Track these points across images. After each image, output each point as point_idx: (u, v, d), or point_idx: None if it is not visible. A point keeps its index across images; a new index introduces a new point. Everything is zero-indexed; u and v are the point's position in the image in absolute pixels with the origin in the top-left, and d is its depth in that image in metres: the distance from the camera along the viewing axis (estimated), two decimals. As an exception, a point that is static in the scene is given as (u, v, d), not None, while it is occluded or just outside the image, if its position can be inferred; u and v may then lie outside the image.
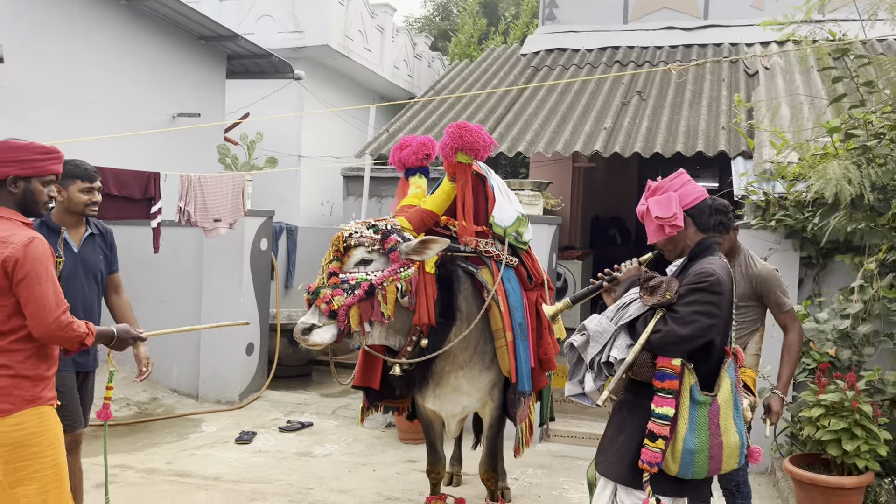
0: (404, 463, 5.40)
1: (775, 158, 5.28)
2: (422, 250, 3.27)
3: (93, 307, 3.71)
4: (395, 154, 3.85)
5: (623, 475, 2.63)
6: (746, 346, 3.43)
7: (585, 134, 7.30)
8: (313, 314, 3.12)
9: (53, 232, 3.61)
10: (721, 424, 2.57)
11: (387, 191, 11.42)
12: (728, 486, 3.46)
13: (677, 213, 2.66)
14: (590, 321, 2.68)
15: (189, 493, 4.64)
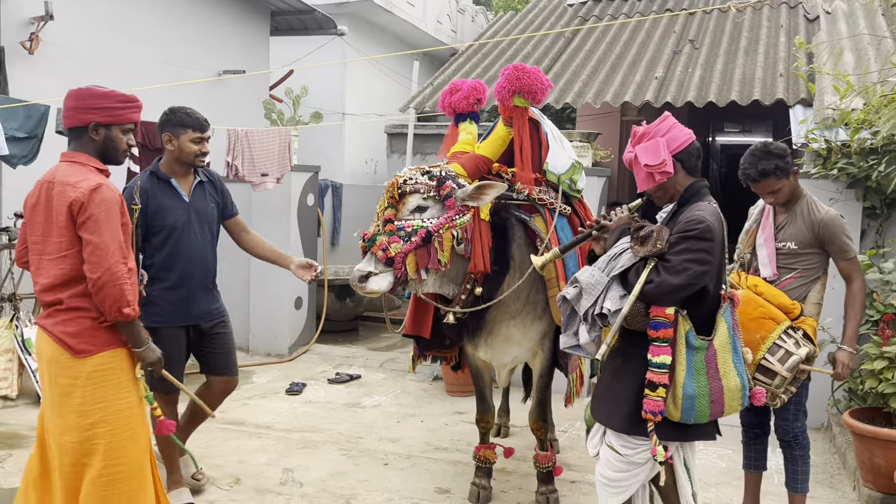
0: (451, 414, 5.43)
1: (838, 104, 5.04)
2: (478, 196, 3.19)
3: (206, 256, 3.69)
4: (445, 99, 3.75)
5: (623, 425, 2.67)
6: (808, 295, 3.32)
7: (636, 84, 7.08)
8: (369, 261, 3.06)
9: (162, 181, 3.63)
10: (720, 368, 2.58)
11: (431, 147, 11.35)
12: (786, 437, 3.38)
13: (666, 159, 2.63)
14: (582, 273, 2.67)
15: (243, 440, 4.75)
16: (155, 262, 3.57)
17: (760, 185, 3.31)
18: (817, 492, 4.09)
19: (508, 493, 4.04)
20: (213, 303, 3.77)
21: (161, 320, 3.56)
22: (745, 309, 3.11)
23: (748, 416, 3.60)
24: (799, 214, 3.32)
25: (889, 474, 3.65)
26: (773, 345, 3.09)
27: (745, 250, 3.50)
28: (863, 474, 3.91)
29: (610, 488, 2.75)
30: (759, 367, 3.12)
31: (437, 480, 4.19)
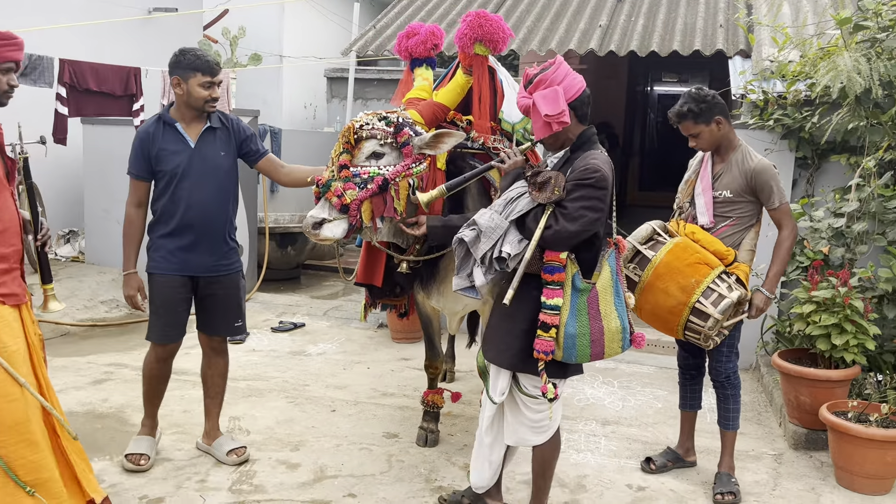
0: (397, 361, 5.48)
1: (776, 56, 5.16)
2: (435, 144, 3.14)
3: (208, 206, 3.46)
4: (402, 42, 3.64)
5: (513, 362, 2.81)
6: (742, 242, 3.44)
7: (580, 32, 7.07)
8: (323, 208, 2.98)
9: (168, 126, 3.44)
10: (601, 310, 2.73)
11: (372, 93, 11.16)
12: (718, 377, 3.53)
13: (565, 109, 2.69)
14: (480, 216, 2.71)
15: (185, 390, 4.69)
16: (157, 208, 3.48)
17: (681, 127, 3.44)
18: (746, 428, 4.32)
19: (455, 435, 4.13)
20: (219, 258, 3.54)
21: (158, 267, 3.49)
22: (682, 255, 3.26)
23: (684, 359, 3.76)
24: (734, 164, 3.42)
25: (813, 411, 3.87)
26: (707, 289, 3.21)
27: (685, 199, 3.60)
28: (789, 411, 4.14)
29: (535, 428, 2.89)
30: (693, 310, 3.24)
31: (385, 425, 4.25)
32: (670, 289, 3.25)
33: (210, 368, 3.78)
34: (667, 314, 3.31)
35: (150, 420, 3.76)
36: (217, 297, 3.60)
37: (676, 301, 3.25)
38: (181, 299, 3.55)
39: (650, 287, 3.30)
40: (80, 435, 3.89)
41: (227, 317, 3.67)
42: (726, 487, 3.46)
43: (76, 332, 5.91)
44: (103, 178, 7.14)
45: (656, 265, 3.28)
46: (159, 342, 3.61)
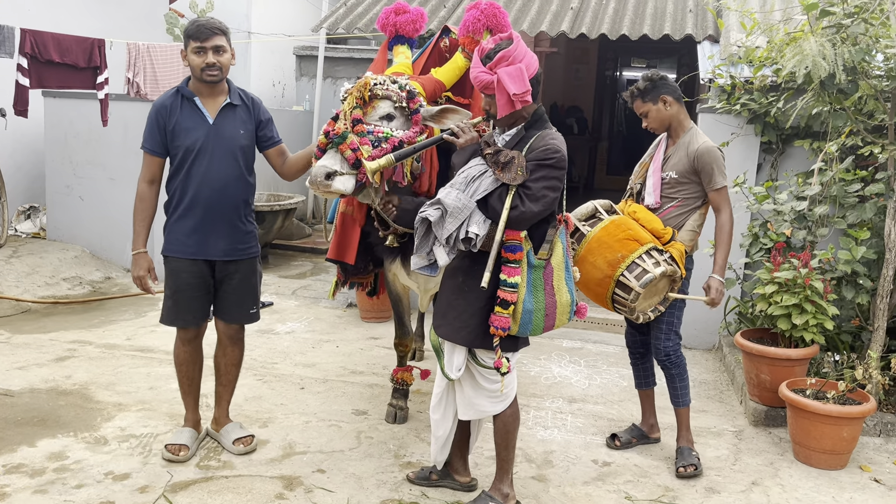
0: (366, 340, 5.49)
1: (744, 41, 5.23)
2: (440, 118, 3.11)
3: (226, 185, 3.28)
4: (389, 18, 3.55)
5: (469, 338, 2.85)
6: (685, 224, 3.49)
7: (552, 14, 7.08)
8: (334, 159, 2.84)
9: (187, 100, 3.26)
10: (555, 285, 2.83)
11: (342, 72, 11.04)
12: (658, 356, 3.59)
13: (529, 87, 2.72)
14: (447, 196, 2.69)
15: (152, 367, 4.64)
16: (172, 187, 3.31)
17: (634, 107, 3.56)
18: (709, 406, 4.42)
19: (424, 412, 4.15)
20: (235, 241, 3.37)
21: (173, 250, 3.35)
22: (614, 231, 3.37)
23: (631, 339, 3.84)
24: (682, 146, 3.49)
25: (773, 389, 3.98)
26: (633, 263, 3.30)
27: (636, 181, 3.67)
28: (750, 389, 4.24)
29: (494, 398, 2.95)
30: (618, 283, 3.34)
31: (354, 403, 4.26)
32: (598, 262, 3.37)
33: (225, 357, 3.58)
34: (595, 286, 3.42)
35: (191, 413, 3.58)
36: (233, 283, 3.43)
37: (603, 274, 3.36)
38: (198, 284, 3.37)
39: (582, 261, 3.41)
40: (43, 411, 3.87)
41: (243, 304, 3.50)
42: (687, 461, 3.54)
43: (37, 310, 5.80)
44: (65, 153, 6.98)
45: (589, 240, 3.40)
46: (175, 326, 3.45)
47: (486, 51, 2.76)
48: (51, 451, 3.47)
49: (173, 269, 3.38)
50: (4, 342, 4.98)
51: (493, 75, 2.71)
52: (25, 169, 7.37)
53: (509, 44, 2.74)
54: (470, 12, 3.35)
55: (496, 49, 2.74)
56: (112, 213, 6.91)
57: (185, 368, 3.52)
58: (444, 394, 3.04)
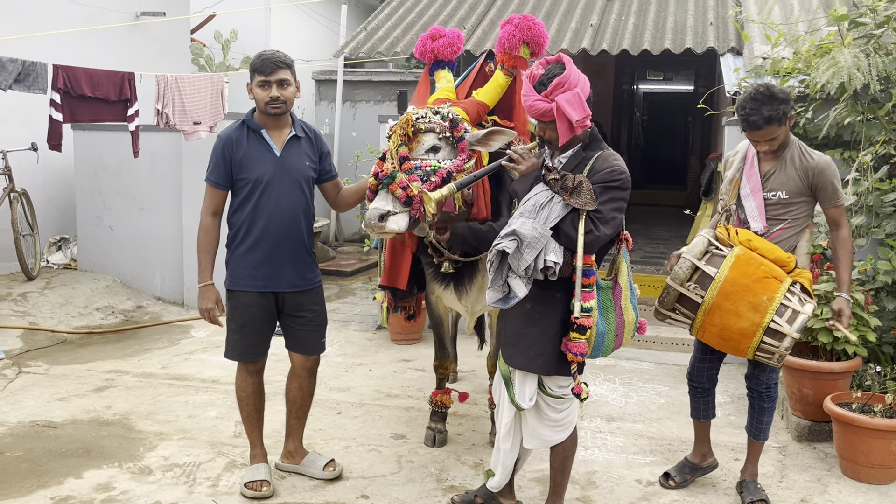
0: (399, 362, 5.48)
1: (769, 53, 5.22)
2: (486, 142, 3.09)
3: (294, 217, 3.29)
4: (426, 44, 3.57)
5: (546, 367, 2.80)
6: (798, 246, 3.21)
7: (572, 31, 7.12)
8: (386, 199, 2.87)
9: (253, 132, 3.27)
10: (623, 305, 2.82)
11: (360, 95, 11.14)
12: (758, 387, 3.37)
13: (589, 112, 2.69)
14: (521, 226, 2.63)
15: (190, 395, 4.67)
16: (238, 220, 3.30)
17: (763, 132, 3.09)
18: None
19: (463, 435, 4.14)
20: (304, 271, 3.37)
21: (240, 283, 3.32)
22: (748, 270, 2.99)
23: (698, 372, 3.53)
24: (789, 162, 3.17)
25: (816, 403, 3.92)
26: (780, 305, 2.95)
27: (731, 201, 3.34)
28: (792, 404, 4.18)
29: (557, 427, 2.92)
30: (767, 331, 2.96)
31: (392, 426, 4.25)
32: (741, 308, 2.95)
33: (301, 389, 3.56)
34: (738, 336, 3.01)
35: (258, 448, 3.54)
36: (307, 315, 3.41)
37: (749, 322, 2.96)
38: (265, 316, 3.36)
39: (717, 308, 3.00)
40: (87, 442, 3.90)
41: (318, 334, 3.49)
42: (756, 496, 3.36)
43: (73, 340, 5.86)
44: (95, 184, 7.09)
45: (721, 283, 2.99)
46: (243, 360, 3.43)
47: (537, 77, 2.72)
48: (97, 482, 3.50)
49: (241, 303, 3.33)
50: (43, 374, 5.03)
51: (550, 103, 2.66)
52: (56, 201, 7.48)
53: (562, 69, 2.71)
54: (504, 28, 3.34)
55: (549, 75, 2.70)
56: (141, 242, 7.00)
57: (251, 401, 3.49)
58: (513, 424, 2.99)
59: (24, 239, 6.48)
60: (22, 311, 6.02)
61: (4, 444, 3.87)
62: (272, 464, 3.61)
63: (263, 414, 3.57)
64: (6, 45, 5.84)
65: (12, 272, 6.80)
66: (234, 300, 3.36)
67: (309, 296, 3.42)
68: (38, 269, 6.71)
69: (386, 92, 11.01)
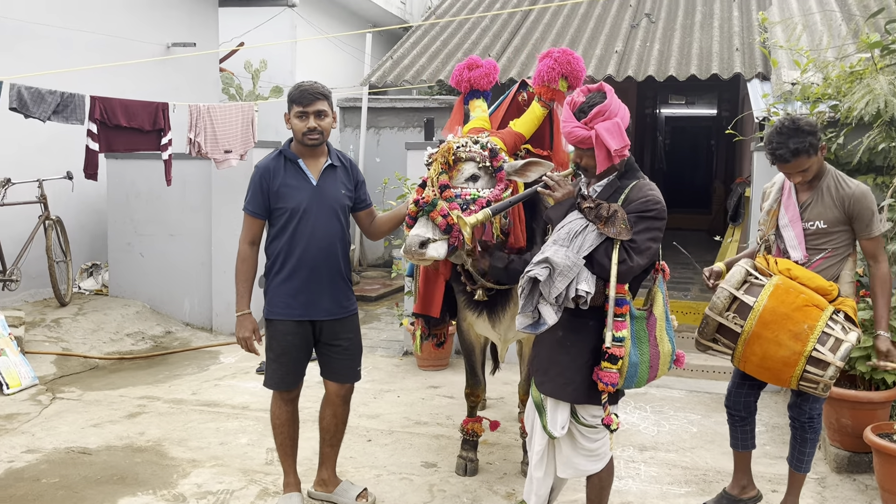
0: (426, 389, 5.47)
1: (798, 78, 5.21)
2: (524, 172, 3.11)
3: (332, 245, 3.32)
4: (463, 74, 3.60)
5: (575, 395, 2.78)
6: (840, 275, 3.16)
7: (597, 58, 7.16)
8: (426, 227, 2.91)
9: (291, 162, 3.31)
10: (657, 336, 2.78)
11: (385, 122, 11.25)
12: (801, 417, 3.30)
13: (628, 141, 2.70)
14: (555, 255, 2.63)
15: (221, 422, 4.69)
16: (275, 249, 3.32)
17: (792, 164, 3.08)
18: (786, 451, 4.28)
19: (494, 464, 4.12)
20: (341, 299, 3.39)
21: (279, 312, 3.33)
22: (787, 298, 2.97)
23: (735, 399, 3.49)
24: (825, 191, 3.15)
25: (856, 433, 3.85)
26: (822, 333, 2.91)
27: (769, 231, 3.33)
28: (830, 434, 4.11)
29: (592, 457, 2.89)
30: (810, 360, 2.92)
31: (423, 454, 4.24)
32: (781, 337, 2.94)
33: (335, 417, 3.55)
34: (780, 366, 2.98)
35: (292, 476, 3.53)
36: (343, 343, 3.43)
37: (790, 351, 2.93)
38: (302, 345, 3.38)
39: (757, 337, 2.98)
40: (122, 469, 3.92)
41: (353, 362, 3.50)
42: None
43: (105, 366, 5.92)
44: (126, 212, 7.20)
45: (760, 312, 2.96)
46: (280, 389, 3.44)
47: (577, 104, 2.74)
48: (132, 509, 3.52)
49: (278, 332, 3.34)
50: (77, 399, 5.09)
51: (589, 131, 2.68)
52: (88, 228, 7.61)
53: (603, 97, 2.72)
54: (543, 61, 3.36)
55: (589, 103, 2.72)
56: (171, 268, 7.09)
57: (286, 429, 3.49)
58: (545, 452, 2.98)
59: (57, 265, 6.58)
60: (55, 337, 6.11)
61: (41, 471, 3.91)
62: (304, 492, 3.61)
63: (297, 442, 3.57)
64: (43, 76, 5.99)
65: (45, 298, 6.91)
66: (272, 329, 3.38)
67: (345, 324, 3.44)
68: (70, 295, 6.81)
69: (410, 118, 11.12)
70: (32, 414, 4.78)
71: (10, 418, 4.69)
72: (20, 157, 6.63)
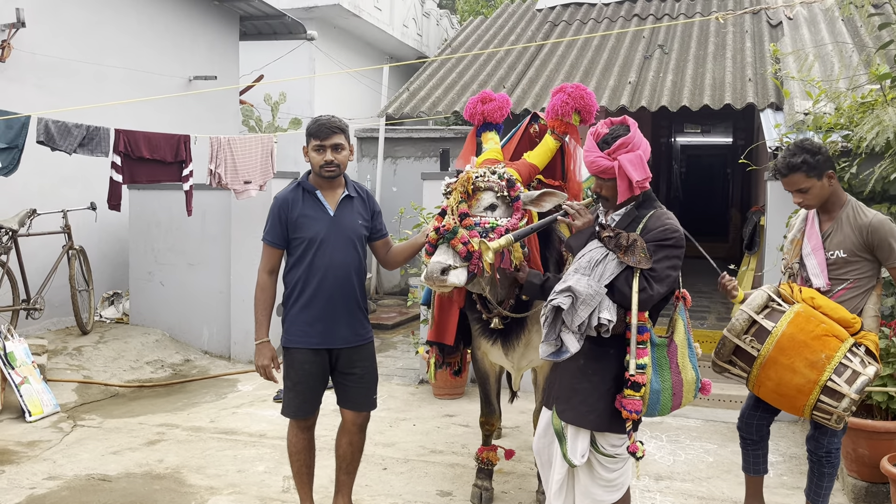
0: (442, 417, 5.49)
1: (810, 108, 5.26)
2: (539, 202, 3.18)
3: (348, 275, 3.38)
4: (476, 107, 3.67)
5: (598, 422, 2.79)
6: (864, 308, 3.16)
7: (610, 89, 7.25)
8: (446, 254, 2.96)
9: (308, 193, 3.38)
10: (679, 363, 2.79)
11: (401, 152, 11.41)
12: (818, 451, 3.30)
13: (650, 174, 2.75)
14: (577, 283, 2.67)
15: (238, 449, 4.73)
16: (293, 278, 3.39)
17: (788, 179, 3.20)
18: (803, 482, 4.25)
19: (509, 493, 4.12)
20: (357, 327, 3.44)
21: (296, 341, 3.39)
22: (807, 326, 2.99)
23: (748, 422, 3.50)
24: (845, 221, 3.19)
25: (873, 463, 3.82)
26: (840, 364, 2.93)
27: (793, 260, 3.36)
28: (847, 464, 4.08)
29: (609, 487, 2.88)
30: (824, 390, 2.94)
31: (438, 483, 4.25)
32: (797, 365, 2.96)
33: (351, 445, 3.57)
34: (794, 392, 3.00)
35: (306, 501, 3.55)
36: (359, 372, 3.47)
37: (805, 379, 2.95)
38: (318, 373, 3.42)
39: (773, 362, 3.01)
40: (141, 496, 3.97)
41: (370, 391, 3.53)
42: None
43: (125, 394, 6.00)
44: (147, 241, 7.34)
45: (778, 337, 3.00)
46: (297, 417, 3.48)
47: (601, 135, 2.81)
48: (151, 536, 3.56)
49: (295, 361, 3.39)
50: (97, 427, 5.16)
51: (612, 161, 2.75)
52: (110, 257, 7.75)
53: (626, 130, 2.79)
54: (557, 96, 3.44)
55: (613, 135, 2.79)
56: (190, 297, 7.19)
57: (303, 457, 3.51)
58: (565, 481, 2.98)
59: (80, 294, 6.71)
60: (77, 365, 6.20)
61: (61, 498, 3.97)
62: None
63: (314, 469, 3.60)
64: (70, 111, 6.17)
65: (68, 326, 7.03)
66: (289, 358, 3.43)
67: (361, 352, 3.49)
68: (92, 324, 6.92)
69: (426, 149, 11.27)
70: (54, 441, 4.85)
71: (33, 445, 4.77)
72: (46, 188, 6.80)
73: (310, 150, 3.36)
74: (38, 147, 5.61)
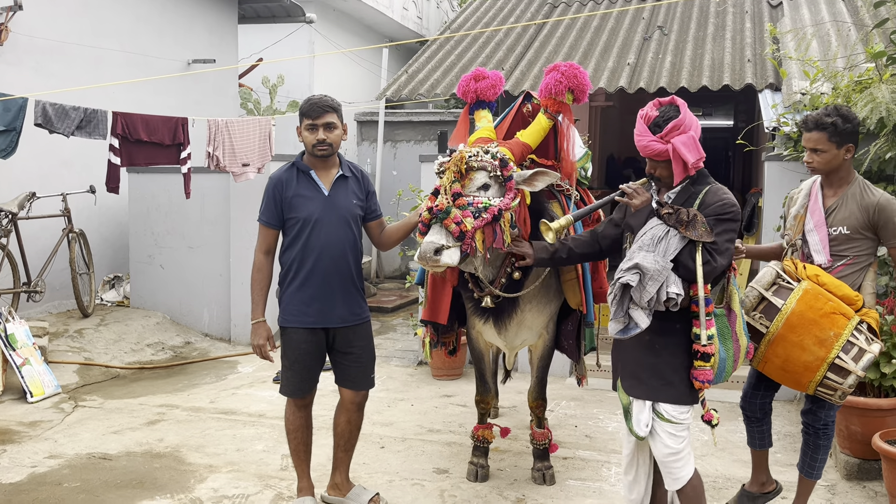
0: (440, 398, 5.54)
1: (808, 89, 5.24)
2: (531, 182, 3.20)
3: (343, 254, 3.40)
4: (469, 85, 3.65)
5: (674, 395, 2.83)
6: (862, 284, 3.17)
7: (609, 70, 7.23)
8: (440, 234, 2.98)
9: (303, 173, 3.40)
10: (737, 331, 2.88)
11: (401, 135, 11.40)
12: (815, 424, 3.32)
13: (703, 154, 2.79)
14: (643, 259, 2.70)
15: (237, 429, 4.78)
16: (289, 258, 3.41)
17: (810, 136, 3.15)
18: (796, 458, 4.29)
19: (505, 470, 4.16)
20: (353, 306, 3.46)
21: (292, 320, 3.42)
22: (816, 304, 3.01)
23: (751, 401, 3.51)
24: (850, 198, 3.18)
25: (865, 440, 3.85)
26: (847, 342, 2.96)
27: (796, 236, 3.34)
28: (840, 441, 4.12)
29: (680, 460, 2.88)
30: (832, 367, 2.97)
31: (435, 461, 4.30)
32: (806, 342, 2.98)
33: (349, 423, 3.62)
34: (801, 369, 3.03)
35: (305, 481, 3.60)
36: (356, 351, 3.50)
37: (814, 356, 2.98)
38: (315, 353, 3.45)
39: (781, 339, 3.03)
40: (140, 474, 4.03)
41: (367, 370, 3.57)
42: None
43: (126, 375, 6.06)
44: (147, 224, 7.37)
45: (788, 315, 3.02)
46: (295, 396, 3.51)
47: (652, 118, 2.82)
48: (150, 513, 3.61)
49: (292, 340, 3.42)
50: (98, 407, 5.21)
51: (665, 144, 2.77)
52: (110, 241, 7.78)
53: (677, 111, 2.81)
54: (550, 75, 3.44)
55: (664, 117, 2.80)
56: (190, 280, 7.23)
57: (300, 434, 3.56)
58: (634, 455, 3.03)
59: (80, 277, 6.75)
60: (78, 347, 6.25)
61: (62, 476, 4.02)
62: (318, 496, 3.68)
63: (311, 447, 3.64)
64: (67, 93, 6.18)
65: (69, 309, 7.08)
66: (286, 337, 3.46)
67: (357, 331, 3.51)
68: (93, 307, 6.97)
69: (425, 132, 11.25)
70: (55, 421, 4.91)
71: (34, 425, 4.82)
72: (45, 171, 6.82)
73: (302, 129, 3.37)
74: (36, 130, 5.63)
